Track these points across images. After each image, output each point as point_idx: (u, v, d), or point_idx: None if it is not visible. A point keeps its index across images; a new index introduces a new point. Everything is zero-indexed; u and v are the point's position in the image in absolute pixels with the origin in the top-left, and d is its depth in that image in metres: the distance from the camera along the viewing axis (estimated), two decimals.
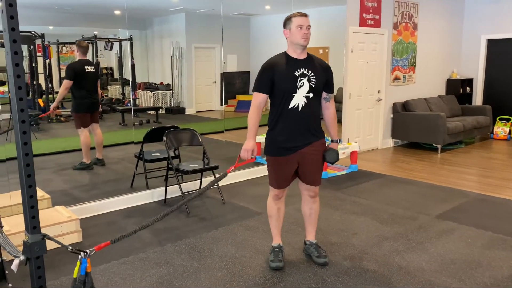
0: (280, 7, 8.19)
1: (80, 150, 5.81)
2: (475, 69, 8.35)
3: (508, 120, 7.92)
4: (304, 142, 2.85)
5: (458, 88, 8.22)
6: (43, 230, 1.98)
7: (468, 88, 8.41)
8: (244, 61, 11.49)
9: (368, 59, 6.68)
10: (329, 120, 3.00)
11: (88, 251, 2.02)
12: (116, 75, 10.25)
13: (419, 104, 7.28)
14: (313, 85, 2.81)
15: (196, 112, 10.64)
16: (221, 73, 11.17)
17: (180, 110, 10.60)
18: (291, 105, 2.82)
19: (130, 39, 9.82)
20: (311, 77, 2.81)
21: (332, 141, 3.00)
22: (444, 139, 6.72)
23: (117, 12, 7.18)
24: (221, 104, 11.17)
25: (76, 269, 2.00)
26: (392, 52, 7.02)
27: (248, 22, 11.37)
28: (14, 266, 2.01)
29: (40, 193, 3.97)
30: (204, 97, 10.86)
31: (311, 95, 2.82)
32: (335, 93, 3.12)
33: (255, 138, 2.88)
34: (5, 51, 1.78)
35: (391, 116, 7.25)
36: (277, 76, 2.80)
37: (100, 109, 5.50)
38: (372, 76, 6.80)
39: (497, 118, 7.99)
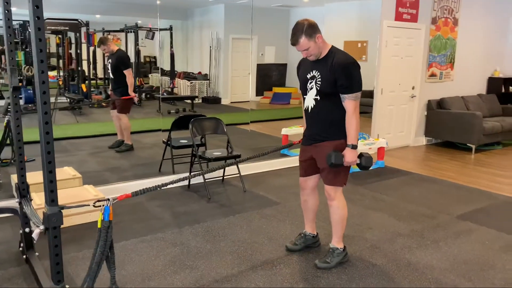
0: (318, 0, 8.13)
1: (115, 134, 6.12)
2: None
3: None
4: (316, 139, 2.87)
5: (500, 87, 7.89)
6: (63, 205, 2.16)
7: (511, 88, 8.05)
8: (282, 53, 11.54)
9: (403, 54, 6.55)
10: (345, 122, 2.74)
11: (110, 198, 2.19)
12: (159, 63, 10.58)
13: (456, 102, 7.06)
14: (318, 88, 2.75)
15: (231, 102, 10.83)
16: (257, 65, 11.25)
17: (216, 100, 10.82)
18: (304, 107, 2.92)
19: (170, 28, 10.07)
20: (317, 80, 2.75)
21: (346, 145, 2.76)
22: (479, 139, 6.50)
23: (158, 2, 7.41)
24: (256, 95, 11.26)
25: (99, 219, 2.16)
26: (429, 48, 6.84)
27: (287, 14, 11.37)
28: (35, 234, 2.20)
29: (72, 172, 4.23)
30: (239, 88, 11.03)
31: (318, 97, 2.77)
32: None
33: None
34: (31, 38, 1.95)
35: (425, 113, 7.08)
36: (299, 77, 2.95)
37: (134, 96, 5.78)
38: (406, 72, 6.66)
39: None
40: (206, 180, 4.42)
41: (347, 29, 7.99)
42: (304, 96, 2.89)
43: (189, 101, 10.17)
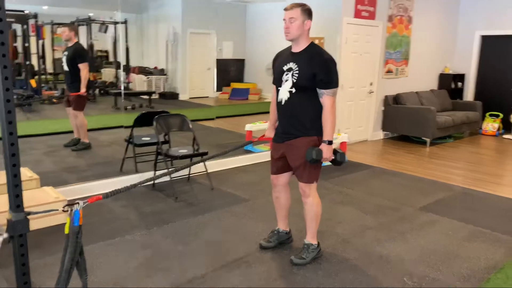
0: None
1: (71, 132, 5.83)
2: (468, 64, 8.40)
3: (497, 116, 8.00)
4: (289, 136, 2.84)
5: (450, 83, 8.28)
6: (30, 210, 2.00)
7: (460, 83, 8.47)
8: (239, 48, 11.48)
9: (361, 51, 6.70)
10: (322, 118, 2.75)
11: (81, 202, 2.05)
12: (111, 58, 10.17)
13: (411, 97, 7.33)
14: (295, 80, 2.73)
15: (190, 98, 10.65)
16: (216, 60, 11.12)
17: (173, 96, 10.60)
18: (278, 99, 2.88)
19: (125, 22, 9.73)
20: (294, 72, 2.73)
21: (322, 141, 2.77)
22: (433, 133, 6.79)
23: None
24: (216, 91, 11.13)
25: (67, 225, 2.00)
26: (386, 45, 7.04)
27: (244, 10, 11.32)
28: None
29: (29, 173, 3.98)
30: (198, 83, 10.86)
31: (293, 90, 2.75)
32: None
33: (271, 127, 3.08)
34: None
35: (382, 108, 7.29)
36: (274, 69, 2.92)
37: (82, 91, 5.48)
38: (364, 68, 6.83)
39: (487, 114, 8.07)
40: (172, 179, 4.31)
41: None
42: (279, 88, 2.85)
43: (146, 96, 9.90)
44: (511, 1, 7.75)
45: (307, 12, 2.73)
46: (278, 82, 2.87)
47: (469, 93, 8.47)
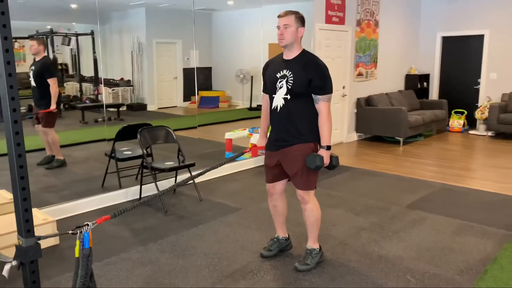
0: (245, 2, 8.19)
1: (41, 149, 5.59)
2: (431, 65, 8.76)
3: (462, 113, 8.37)
4: (284, 143, 2.85)
5: (416, 83, 8.60)
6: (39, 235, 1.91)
7: (425, 83, 8.81)
8: (206, 56, 11.43)
9: (334, 55, 6.85)
10: (318, 124, 2.78)
11: (90, 223, 1.99)
12: (72, 71, 9.84)
13: (381, 99, 7.55)
14: (290, 87, 2.75)
15: (158, 108, 10.46)
16: (183, 69, 11.01)
17: (141, 107, 10.36)
18: (272, 106, 2.90)
19: (92, 33, 9.48)
20: (289, 79, 2.75)
21: (321, 147, 2.81)
22: (406, 132, 7.02)
23: (73, 6, 6.91)
24: (183, 101, 11.02)
25: (77, 248, 1.95)
26: (356, 48, 7.23)
27: (209, 17, 11.29)
28: (5, 271, 1.93)
29: (7, 195, 3.79)
30: (166, 93, 10.70)
31: (288, 97, 2.77)
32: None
33: (263, 135, 3.10)
34: None
35: (355, 111, 7.47)
36: (266, 77, 2.93)
37: (53, 107, 5.31)
38: (337, 72, 6.97)
39: (452, 112, 8.43)
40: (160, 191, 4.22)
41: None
42: (273, 96, 2.86)
43: (113, 109, 9.65)
44: (468, 3, 8.17)
45: (301, 20, 2.79)
46: (271, 89, 2.88)
47: (434, 92, 8.83)
